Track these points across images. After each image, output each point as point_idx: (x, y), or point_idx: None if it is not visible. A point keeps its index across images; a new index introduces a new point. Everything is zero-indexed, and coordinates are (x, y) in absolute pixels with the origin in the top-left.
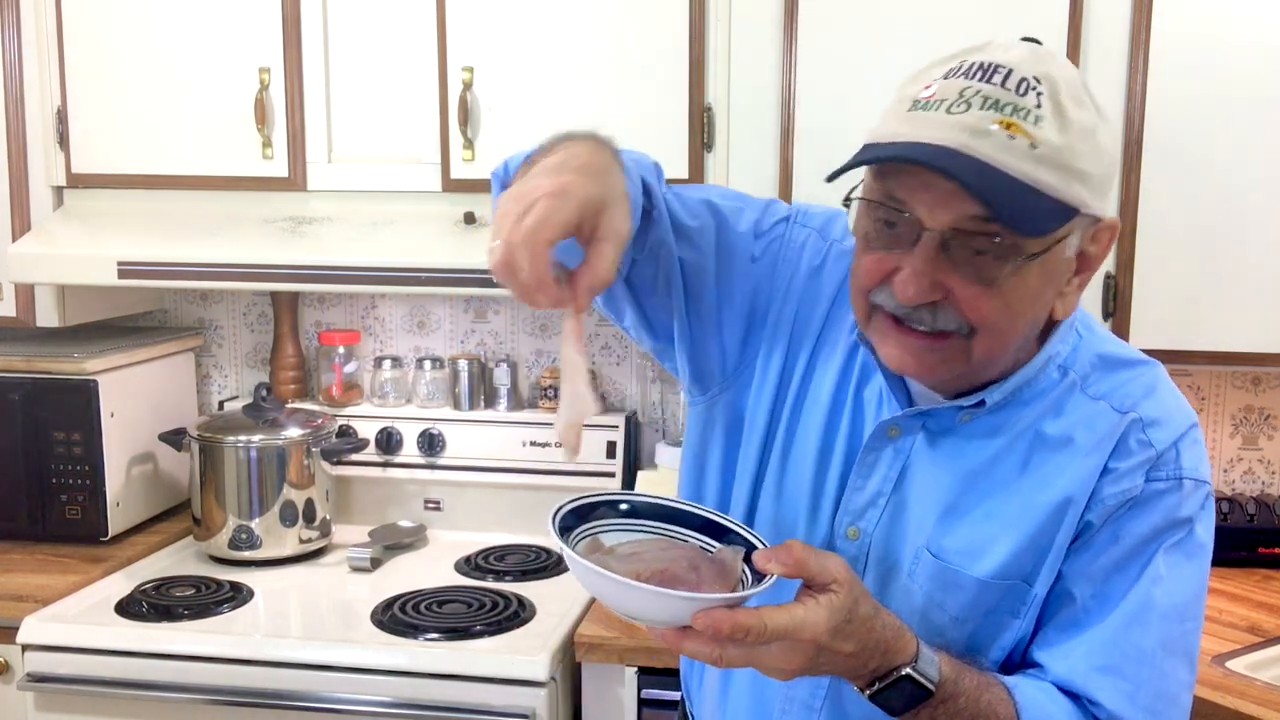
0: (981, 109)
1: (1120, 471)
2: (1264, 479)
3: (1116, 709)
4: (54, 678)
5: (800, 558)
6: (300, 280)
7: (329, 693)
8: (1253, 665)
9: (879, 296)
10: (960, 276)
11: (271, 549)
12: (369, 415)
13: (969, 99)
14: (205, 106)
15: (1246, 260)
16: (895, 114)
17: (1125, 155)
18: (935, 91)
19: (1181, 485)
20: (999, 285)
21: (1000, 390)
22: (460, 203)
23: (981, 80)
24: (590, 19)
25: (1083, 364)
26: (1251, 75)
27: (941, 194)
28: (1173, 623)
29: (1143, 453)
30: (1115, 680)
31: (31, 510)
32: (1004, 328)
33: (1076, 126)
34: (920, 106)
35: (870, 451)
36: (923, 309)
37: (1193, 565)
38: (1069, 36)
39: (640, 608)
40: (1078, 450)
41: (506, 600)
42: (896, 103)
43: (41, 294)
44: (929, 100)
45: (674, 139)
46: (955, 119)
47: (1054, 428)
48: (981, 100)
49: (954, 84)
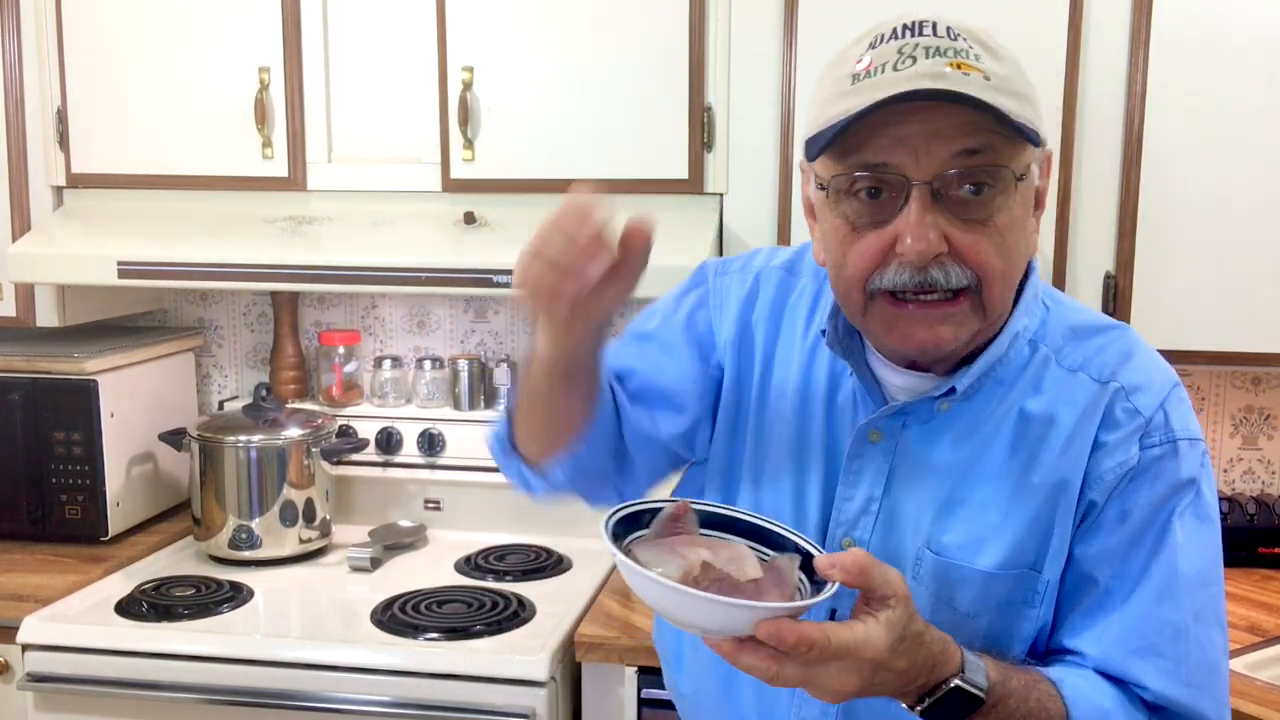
0: (928, 58)
1: (1112, 444)
2: (1264, 479)
3: (1162, 689)
4: (54, 678)
5: (865, 566)
6: (300, 280)
7: (329, 693)
8: (1253, 665)
9: (880, 278)
10: (956, 223)
11: (271, 549)
12: (369, 415)
13: (911, 54)
14: (205, 106)
15: (1246, 260)
16: (836, 94)
17: (1125, 154)
18: (871, 60)
19: (1177, 448)
20: (993, 221)
21: (969, 374)
22: (460, 203)
23: (914, 35)
24: (590, 19)
25: (1053, 336)
26: (1251, 74)
27: (921, 139)
28: (1199, 590)
29: (1131, 421)
30: (1156, 661)
31: (31, 510)
32: (1005, 268)
33: (1006, 57)
34: (863, 78)
35: (854, 459)
36: (934, 270)
37: (1206, 527)
38: (1069, 36)
39: (700, 616)
40: (1063, 427)
41: (506, 600)
42: (832, 85)
43: (41, 294)
44: (869, 69)
45: (674, 139)
46: (906, 73)
47: (1036, 405)
48: (924, 50)
49: (888, 47)
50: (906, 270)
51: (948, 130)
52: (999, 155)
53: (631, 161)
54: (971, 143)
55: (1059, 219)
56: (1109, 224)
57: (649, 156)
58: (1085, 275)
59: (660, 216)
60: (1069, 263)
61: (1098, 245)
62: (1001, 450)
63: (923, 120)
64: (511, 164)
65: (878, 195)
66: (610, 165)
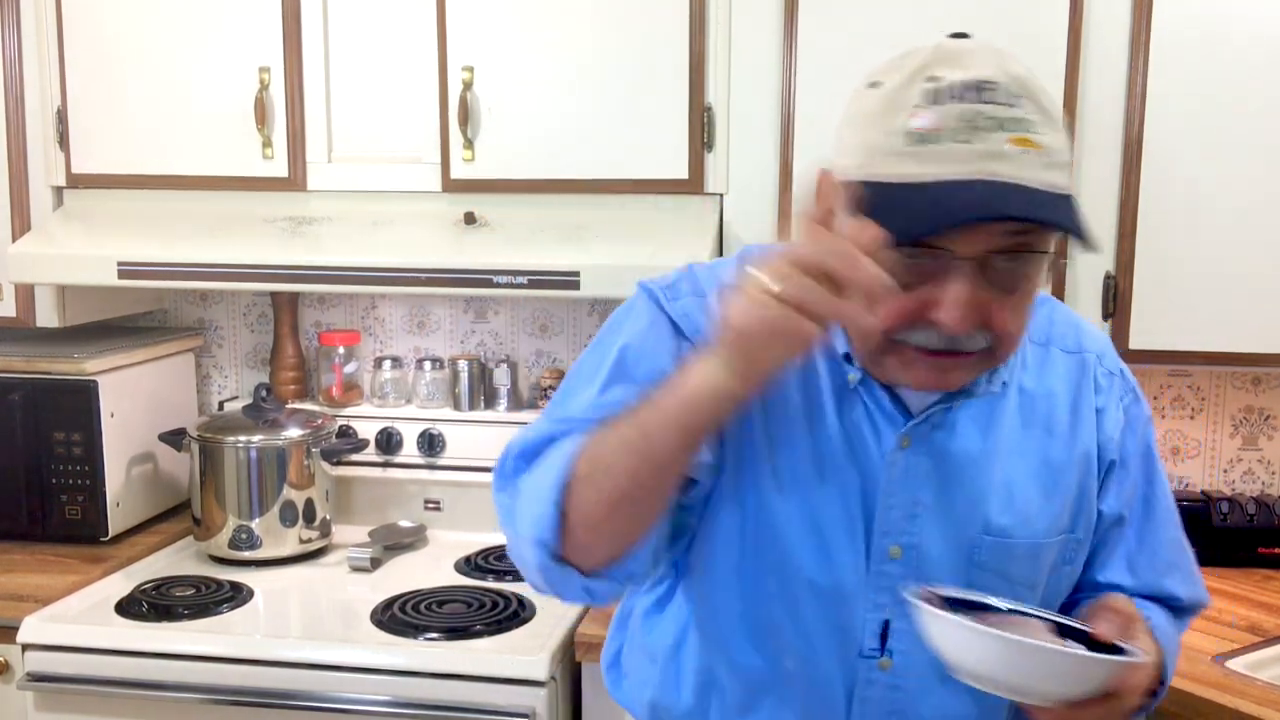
0: (991, 132)
1: (1107, 408)
2: (1264, 479)
3: (1187, 595)
4: (54, 677)
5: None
6: (300, 280)
7: (329, 693)
8: (1253, 665)
9: (911, 336)
10: (989, 293)
11: (271, 549)
12: (369, 415)
13: (976, 123)
14: (205, 106)
15: (1246, 260)
16: (893, 149)
17: (1125, 155)
18: (932, 121)
19: (1137, 394)
20: (1020, 291)
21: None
22: (460, 203)
23: (977, 101)
24: (590, 19)
25: None
26: (1251, 75)
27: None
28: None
29: (1111, 382)
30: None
31: (31, 510)
32: (1019, 333)
33: (1056, 118)
34: (921, 140)
35: (891, 467)
36: (963, 336)
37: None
38: (1069, 36)
39: (1039, 670)
40: (1063, 400)
41: (506, 600)
42: (884, 135)
43: (41, 294)
44: (930, 132)
45: (674, 139)
46: (970, 150)
47: (1030, 381)
48: (990, 123)
49: (949, 110)
50: (935, 334)
51: None
52: (1041, 240)
53: (631, 161)
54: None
55: None
56: (1109, 224)
57: (649, 156)
58: (1085, 275)
59: (660, 217)
60: (1069, 263)
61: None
62: (1017, 429)
63: None
64: (511, 164)
65: (919, 260)
66: (610, 165)
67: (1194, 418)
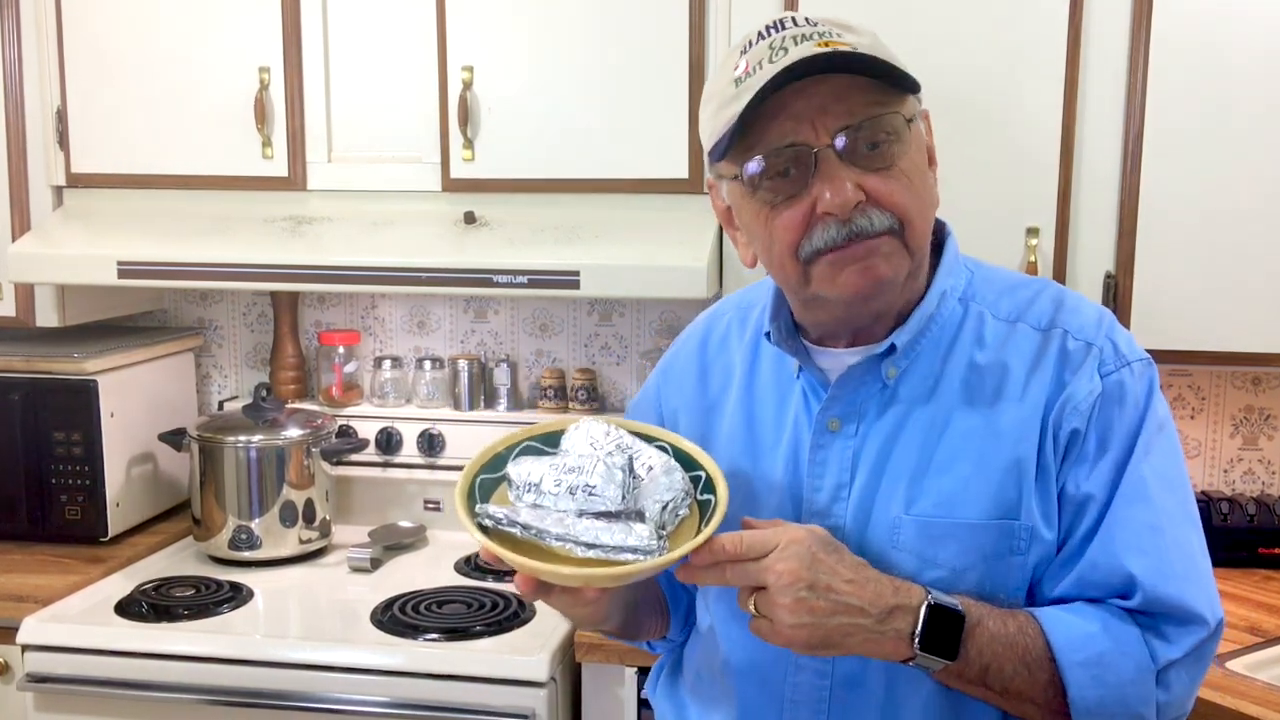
0: (797, 44)
1: (1077, 380)
2: (1264, 479)
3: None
4: (54, 678)
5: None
6: (300, 280)
7: (329, 693)
8: (1253, 665)
9: (811, 242)
10: (865, 174)
11: (271, 549)
12: (369, 415)
13: (781, 46)
14: (205, 106)
15: (1246, 260)
16: (724, 101)
17: (1125, 154)
18: (747, 62)
19: (1132, 369)
20: (898, 166)
21: (906, 330)
22: (460, 202)
23: (779, 31)
24: (590, 19)
25: (983, 294)
26: (1252, 74)
27: (812, 111)
28: (1167, 494)
29: (1086, 354)
30: (1138, 558)
31: (31, 510)
32: (920, 205)
33: (865, 31)
34: (744, 79)
35: (817, 449)
36: (858, 219)
37: (1165, 436)
38: (1069, 36)
39: None
40: (1016, 375)
41: (506, 600)
42: (718, 98)
43: (41, 294)
44: (748, 70)
45: (674, 139)
46: (781, 63)
47: (983, 357)
48: (792, 40)
49: (759, 48)
50: (832, 226)
51: (833, 98)
52: (886, 105)
53: (631, 161)
54: (858, 101)
55: (1059, 219)
56: (1109, 224)
57: (649, 156)
58: (1085, 275)
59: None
60: (1069, 263)
61: (1098, 245)
62: (959, 406)
63: (809, 96)
64: (511, 164)
65: (788, 174)
66: (610, 165)
67: (1194, 418)
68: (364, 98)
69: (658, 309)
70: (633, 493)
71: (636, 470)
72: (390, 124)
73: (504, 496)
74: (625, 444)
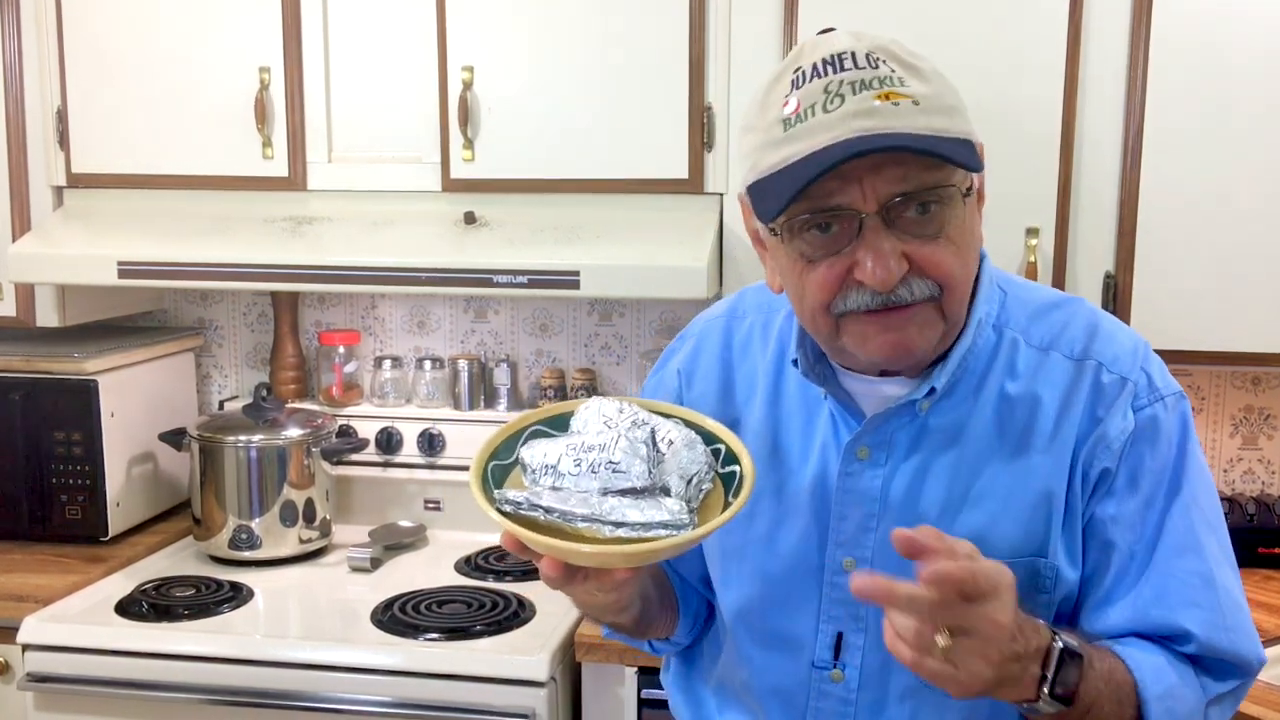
0: (854, 94)
1: (1111, 417)
2: (1264, 479)
3: (1206, 638)
4: (54, 678)
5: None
6: (300, 280)
7: (329, 693)
8: None
9: (846, 301)
10: (911, 241)
11: (271, 549)
12: (369, 415)
13: (837, 92)
14: (205, 106)
15: (1246, 260)
16: (771, 141)
17: (1125, 154)
18: (799, 101)
19: (1166, 404)
20: (947, 233)
21: (945, 370)
22: (460, 202)
23: (835, 72)
24: (590, 19)
25: (1016, 319)
26: (1252, 74)
27: (862, 169)
28: (1211, 536)
29: (1119, 389)
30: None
31: (31, 510)
32: (962, 275)
33: (929, 71)
34: (794, 122)
35: (845, 478)
36: (899, 289)
37: (1202, 477)
38: (1069, 36)
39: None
40: (1049, 408)
41: (506, 600)
42: (764, 132)
43: (41, 294)
44: (798, 112)
45: (674, 139)
46: (838, 114)
47: (1015, 388)
48: (849, 86)
49: (813, 87)
50: (868, 293)
51: (888, 163)
52: (940, 178)
53: (631, 161)
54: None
55: (1059, 219)
56: (1109, 224)
57: (649, 156)
58: (1085, 275)
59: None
60: (1069, 263)
61: (1098, 245)
62: (990, 438)
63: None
64: (511, 164)
65: (828, 229)
66: (610, 165)
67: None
68: (364, 98)
69: (658, 309)
70: (658, 467)
71: (659, 444)
72: (390, 124)
73: (518, 481)
74: (642, 419)
